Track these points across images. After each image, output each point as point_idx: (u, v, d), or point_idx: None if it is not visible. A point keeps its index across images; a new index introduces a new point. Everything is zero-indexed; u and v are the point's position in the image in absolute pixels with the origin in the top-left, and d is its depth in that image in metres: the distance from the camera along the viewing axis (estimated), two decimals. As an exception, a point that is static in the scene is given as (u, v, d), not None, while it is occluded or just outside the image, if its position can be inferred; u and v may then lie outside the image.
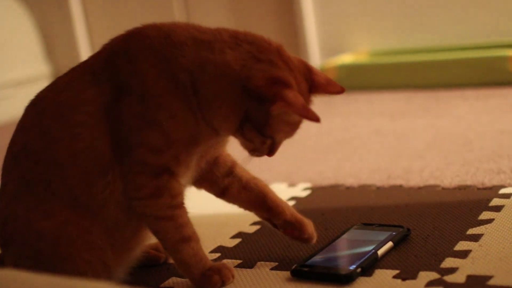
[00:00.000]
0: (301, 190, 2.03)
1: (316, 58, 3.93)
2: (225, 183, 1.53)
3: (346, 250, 1.53)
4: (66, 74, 1.44)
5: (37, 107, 1.41)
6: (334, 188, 2.04)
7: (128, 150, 1.35)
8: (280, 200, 1.55)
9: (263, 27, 4.13)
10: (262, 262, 1.54)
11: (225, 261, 1.57)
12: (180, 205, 1.40)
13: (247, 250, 1.63)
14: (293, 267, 1.46)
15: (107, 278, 1.39)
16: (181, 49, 1.34)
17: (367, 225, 1.64)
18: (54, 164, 1.35)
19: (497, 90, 3.13)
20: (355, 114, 3.11)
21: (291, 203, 1.92)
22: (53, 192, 1.35)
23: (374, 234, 1.58)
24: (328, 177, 2.15)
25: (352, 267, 1.41)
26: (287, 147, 2.56)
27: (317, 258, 1.49)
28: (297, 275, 1.44)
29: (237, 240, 1.68)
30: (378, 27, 3.84)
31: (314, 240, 1.54)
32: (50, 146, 1.36)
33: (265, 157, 1.47)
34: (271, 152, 1.43)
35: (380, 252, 1.48)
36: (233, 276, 1.45)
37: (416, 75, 3.49)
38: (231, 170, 1.53)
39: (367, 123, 2.87)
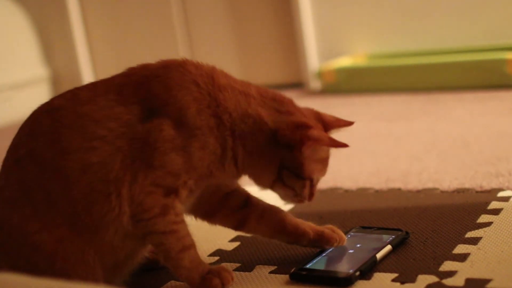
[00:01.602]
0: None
1: (314, 61, 3.93)
2: (242, 215, 1.55)
3: (345, 253, 1.53)
4: (87, 88, 1.43)
5: (53, 115, 1.38)
6: (332, 191, 2.04)
7: (146, 170, 1.35)
8: (299, 222, 1.56)
9: (262, 31, 4.14)
10: (261, 266, 1.54)
11: (224, 264, 1.56)
12: (182, 221, 1.42)
13: (246, 253, 1.63)
14: (292, 270, 1.46)
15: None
16: (224, 93, 1.42)
17: (366, 229, 1.64)
18: (60, 175, 1.34)
19: (495, 92, 3.13)
20: (353, 117, 3.08)
21: (289, 206, 1.92)
22: (52, 203, 1.33)
23: (372, 238, 1.58)
24: (326, 180, 2.14)
25: (351, 271, 1.41)
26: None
27: (316, 261, 1.49)
28: (296, 278, 1.44)
29: (236, 244, 1.68)
30: (376, 30, 3.85)
31: (344, 242, 1.55)
32: (61, 156, 1.34)
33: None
34: (311, 195, 1.51)
35: (379, 255, 1.48)
36: (232, 279, 1.44)
37: (414, 78, 3.49)
38: (246, 201, 1.55)
39: (365, 126, 2.87)
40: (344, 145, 1.46)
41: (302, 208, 1.90)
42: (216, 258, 1.62)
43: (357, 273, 1.41)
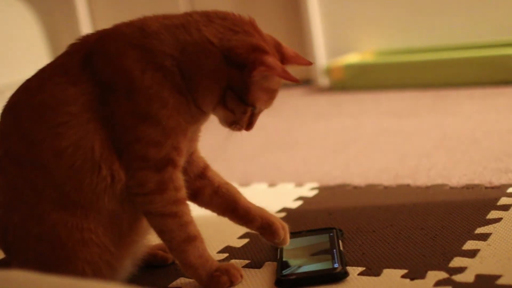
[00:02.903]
0: (308, 190, 2.03)
1: (322, 58, 3.93)
2: (197, 186, 1.53)
3: (307, 255, 1.52)
4: (35, 77, 1.42)
5: (13, 112, 1.40)
6: (341, 188, 2.04)
7: (125, 147, 1.35)
8: (252, 207, 1.54)
9: (270, 27, 4.12)
10: (270, 262, 1.54)
11: (233, 261, 1.57)
12: (184, 201, 1.41)
13: (255, 250, 1.63)
14: (276, 279, 1.43)
15: (112, 278, 1.39)
16: (158, 38, 1.38)
17: (297, 233, 1.62)
18: (37, 165, 1.35)
19: (505, 88, 3.12)
20: (361, 113, 3.11)
21: (299, 203, 1.92)
22: (39, 193, 1.34)
23: (313, 239, 1.58)
24: (335, 177, 2.15)
25: (336, 265, 1.42)
26: (294, 147, 2.57)
27: (289, 267, 1.47)
28: (284, 285, 1.42)
29: (245, 240, 1.68)
30: (384, 26, 3.84)
31: (286, 243, 1.54)
32: (32, 148, 1.35)
33: (272, 158, 1.47)
34: (250, 124, 1.45)
35: (343, 250, 1.50)
36: (241, 276, 1.45)
37: (422, 74, 3.48)
38: (203, 172, 1.53)
39: (374, 123, 2.87)
40: (295, 80, 1.38)
41: (310, 204, 1.91)
42: (225, 255, 1.62)
43: (345, 267, 1.42)
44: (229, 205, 1.53)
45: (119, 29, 1.42)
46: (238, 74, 1.37)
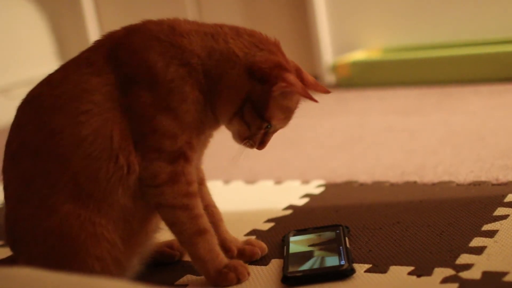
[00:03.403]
0: (314, 187, 2.03)
1: (328, 55, 3.92)
2: None
3: (313, 252, 1.52)
4: (58, 71, 1.45)
5: (32, 104, 1.42)
6: (347, 185, 2.04)
7: (141, 138, 1.38)
8: (229, 238, 1.56)
9: (276, 24, 4.13)
10: (276, 259, 1.54)
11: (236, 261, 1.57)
12: (195, 195, 1.42)
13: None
14: (282, 276, 1.43)
15: (120, 275, 1.39)
16: (188, 38, 1.42)
17: (303, 230, 1.63)
18: (54, 155, 1.36)
19: (511, 85, 3.11)
20: (368, 111, 3.11)
21: (305, 200, 1.92)
22: (53, 185, 1.35)
23: (319, 236, 1.59)
24: (341, 174, 2.15)
25: (343, 262, 1.43)
26: (301, 144, 2.57)
27: (295, 264, 1.47)
28: (291, 282, 1.42)
29: (252, 237, 1.68)
30: (391, 23, 3.83)
31: (266, 250, 1.57)
32: (50, 138, 1.36)
33: (278, 155, 1.48)
34: (263, 143, 1.48)
35: (349, 247, 1.50)
36: (248, 274, 1.45)
37: (429, 71, 3.48)
38: (199, 185, 1.53)
39: (380, 120, 2.86)
40: (314, 100, 1.44)
41: (317, 202, 1.90)
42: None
43: (351, 264, 1.42)
44: None
45: (147, 25, 1.45)
46: (259, 88, 1.41)
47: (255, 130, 1.45)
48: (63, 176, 1.35)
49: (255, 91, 1.42)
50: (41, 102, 1.40)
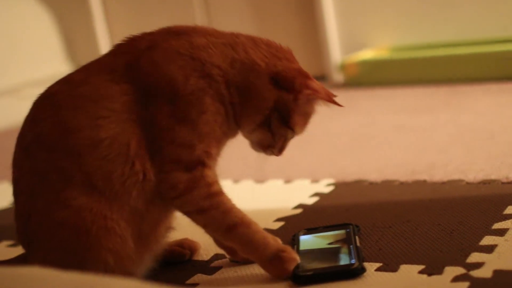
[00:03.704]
0: (324, 186, 2.03)
1: (336, 54, 3.92)
2: None
3: (324, 251, 1.52)
4: (79, 71, 1.47)
5: (51, 100, 1.42)
6: (357, 184, 2.04)
7: (159, 149, 1.39)
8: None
9: (284, 23, 4.13)
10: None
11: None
12: (218, 193, 1.43)
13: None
14: (293, 275, 1.42)
15: (133, 269, 1.39)
16: (206, 51, 1.43)
17: (313, 229, 1.63)
18: (69, 152, 1.36)
19: (520, 83, 3.11)
20: (377, 109, 3.11)
21: (315, 199, 1.92)
22: (67, 179, 1.35)
23: (329, 235, 1.58)
24: (351, 173, 2.15)
25: (353, 261, 1.42)
26: (310, 143, 2.57)
27: (306, 263, 1.46)
28: (302, 280, 1.41)
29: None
30: (399, 22, 3.83)
31: None
32: (66, 135, 1.37)
33: (288, 154, 1.48)
34: (282, 149, 1.53)
35: (359, 245, 1.50)
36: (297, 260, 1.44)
37: (437, 69, 3.47)
38: None
39: (389, 119, 2.86)
40: (339, 104, 1.51)
41: (327, 201, 1.90)
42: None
43: (362, 262, 1.42)
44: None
45: (167, 41, 1.45)
46: (285, 97, 1.45)
47: (279, 138, 1.50)
48: (77, 173, 1.35)
49: (281, 100, 1.45)
50: (59, 100, 1.41)
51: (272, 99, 1.45)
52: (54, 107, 1.41)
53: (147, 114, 1.39)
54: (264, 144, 1.51)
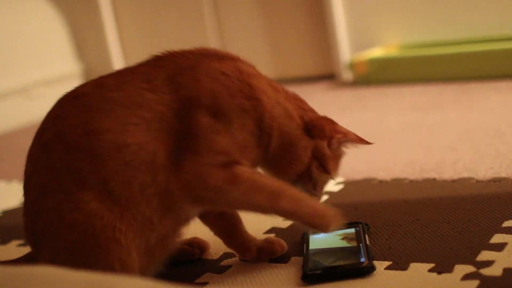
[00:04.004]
0: (333, 185, 2.03)
1: (346, 53, 3.92)
2: None
3: (333, 250, 1.52)
4: (111, 76, 1.46)
5: (80, 101, 1.40)
6: (366, 182, 2.04)
7: (192, 156, 1.38)
8: (248, 237, 1.57)
9: (293, 22, 4.13)
10: (296, 257, 1.54)
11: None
12: (252, 171, 1.44)
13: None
14: (302, 274, 1.43)
15: (140, 273, 1.39)
16: (256, 79, 1.47)
17: None
18: (90, 154, 1.35)
19: (530, 81, 3.10)
20: (386, 107, 3.10)
21: (324, 197, 1.92)
22: (82, 182, 1.34)
23: (339, 233, 1.58)
24: (360, 171, 2.15)
25: (363, 259, 1.42)
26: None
27: (315, 262, 1.47)
28: (312, 279, 1.42)
29: (271, 235, 1.68)
30: (408, 20, 3.82)
31: (286, 248, 1.58)
32: (90, 136, 1.35)
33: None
34: (321, 195, 1.60)
35: (369, 244, 1.50)
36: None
37: (447, 67, 3.46)
38: None
39: (398, 117, 2.86)
40: (367, 142, 1.56)
41: (336, 199, 1.90)
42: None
43: (371, 261, 1.42)
44: (227, 233, 1.58)
45: (211, 62, 1.47)
46: (319, 144, 1.52)
47: (320, 186, 1.56)
48: (94, 176, 1.34)
49: (317, 148, 1.52)
50: (89, 102, 1.39)
51: (310, 148, 1.51)
52: (82, 108, 1.39)
53: (182, 126, 1.39)
54: (307, 192, 1.53)
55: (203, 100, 1.40)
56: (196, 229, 1.57)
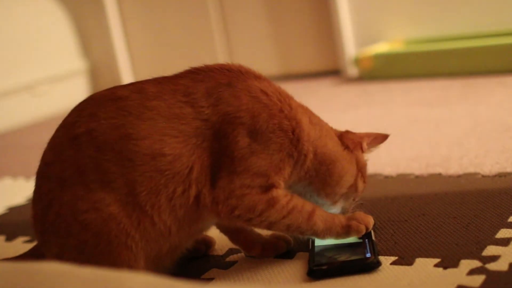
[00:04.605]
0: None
1: (351, 48, 3.92)
2: None
3: (339, 245, 1.51)
4: (151, 83, 1.45)
5: (119, 103, 1.39)
6: (372, 177, 2.03)
7: (228, 176, 1.40)
8: (253, 234, 1.58)
9: (298, 17, 4.13)
10: (302, 253, 1.54)
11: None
12: (292, 197, 1.46)
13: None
14: (308, 269, 1.44)
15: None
16: (294, 100, 1.51)
17: None
18: (121, 157, 1.35)
19: (536, 75, 3.09)
20: (391, 103, 3.10)
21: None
22: (106, 183, 1.34)
23: None
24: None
25: (369, 255, 1.43)
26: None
27: (321, 257, 1.47)
28: (317, 274, 1.42)
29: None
30: (413, 15, 3.82)
31: (291, 243, 1.58)
32: (124, 140, 1.35)
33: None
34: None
35: (374, 239, 1.50)
36: (372, 221, 1.52)
37: (452, 62, 3.46)
38: None
39: (404, 112, 2.85)
40: (387, 135, 1.66)
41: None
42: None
43: (378, 256, 1.43)
44: (233, 228, 1.58)
45: (249, 80, 1.48)
46: (359, 155, 1.58)
47: (360, 193, 1.59)
48: (120, 179, 1.34)
49: (357, 159, 1.57)
50: (129, 107, 1.39)
51: (354, 160, 1.56)
52: (120, 111, 1.38)
53: (220, 143, 1.40)
54: (344, 210, 1.58)
55: (243, 118, 1.42)
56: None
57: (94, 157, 1.35)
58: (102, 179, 1.34)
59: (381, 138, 1.64)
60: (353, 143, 1.56)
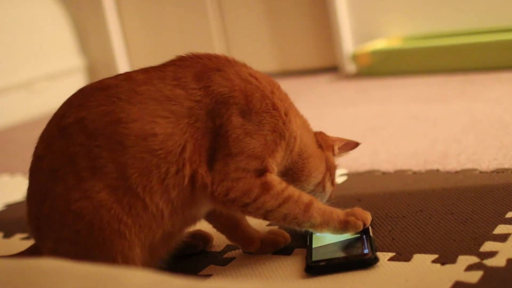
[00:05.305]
0: (337, 177, 2.02)
1: (349, 44, 3.91)
2: None
3: (337, 242, 1.51)
4: (140, 72, 1.46)
5: (107, 92, 1.39)
6: (370, 174, 2.03)
7: (223, 158, 1.40)
8: (251, 230, 1.58)
9: (296, 14, 4.12)
10: (299, 249, 1.54)
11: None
12: (287, 185, 1.46)
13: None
14: (306, 266, 1.44)
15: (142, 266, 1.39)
16: (279, 86, 1.54)
17: None
18: (111, 141, 1.34)
19: (533, 72, 3.09)
20: (389, 99, 3.10)
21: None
22: (96, 169, 1.33)
23: None
24: (364, 163, 2.15)
25: (366, 251, 1.42)
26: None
27: (319, 253, 1.47)
28: (314, 271, 1.42)
29: (274, 227, 1.68)
30: (411, 11, 3.82)
31: (289, 239, 1.59)
32: (114, 124, 1.35)
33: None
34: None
35: (372, 235, 1.50)
36: (370, 217, 1.52)
37: (450, 59, 3.46)
38: None
39: (402, 108, 2.85)
40: (357, 143, 1.72)
41: (339, 191, 1.90)
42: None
43: (375, 252, 1.42)
44: (229, 226, 1.58)
45: (237, 66, 1.51)
46: (329, 155, 1.62)
47: (329, 189, 1.63)
48: (110, 164, 1.33)
49: (327, 159, 1.61)
50: (119, 93, 1.39)
51: (324, 159, 1.59)
52: (109, 98, 1.38)
53: (214, 123, 1.41)
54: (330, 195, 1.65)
55: (237, 98, 1.43)
56: (200, 222, 1.57)
57: (84, 145, 1.35)
58: (93, 166, 1.33)
59: (352, 144, 1.68)
60: (326, 143, 1.61)
